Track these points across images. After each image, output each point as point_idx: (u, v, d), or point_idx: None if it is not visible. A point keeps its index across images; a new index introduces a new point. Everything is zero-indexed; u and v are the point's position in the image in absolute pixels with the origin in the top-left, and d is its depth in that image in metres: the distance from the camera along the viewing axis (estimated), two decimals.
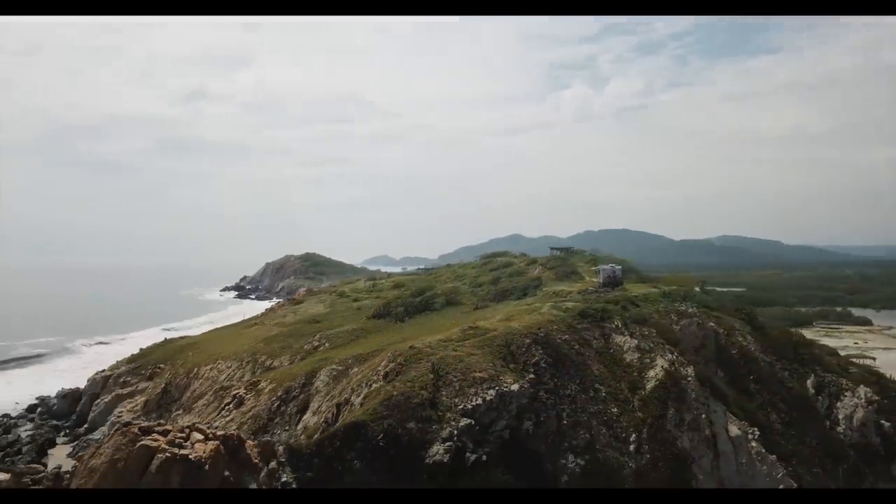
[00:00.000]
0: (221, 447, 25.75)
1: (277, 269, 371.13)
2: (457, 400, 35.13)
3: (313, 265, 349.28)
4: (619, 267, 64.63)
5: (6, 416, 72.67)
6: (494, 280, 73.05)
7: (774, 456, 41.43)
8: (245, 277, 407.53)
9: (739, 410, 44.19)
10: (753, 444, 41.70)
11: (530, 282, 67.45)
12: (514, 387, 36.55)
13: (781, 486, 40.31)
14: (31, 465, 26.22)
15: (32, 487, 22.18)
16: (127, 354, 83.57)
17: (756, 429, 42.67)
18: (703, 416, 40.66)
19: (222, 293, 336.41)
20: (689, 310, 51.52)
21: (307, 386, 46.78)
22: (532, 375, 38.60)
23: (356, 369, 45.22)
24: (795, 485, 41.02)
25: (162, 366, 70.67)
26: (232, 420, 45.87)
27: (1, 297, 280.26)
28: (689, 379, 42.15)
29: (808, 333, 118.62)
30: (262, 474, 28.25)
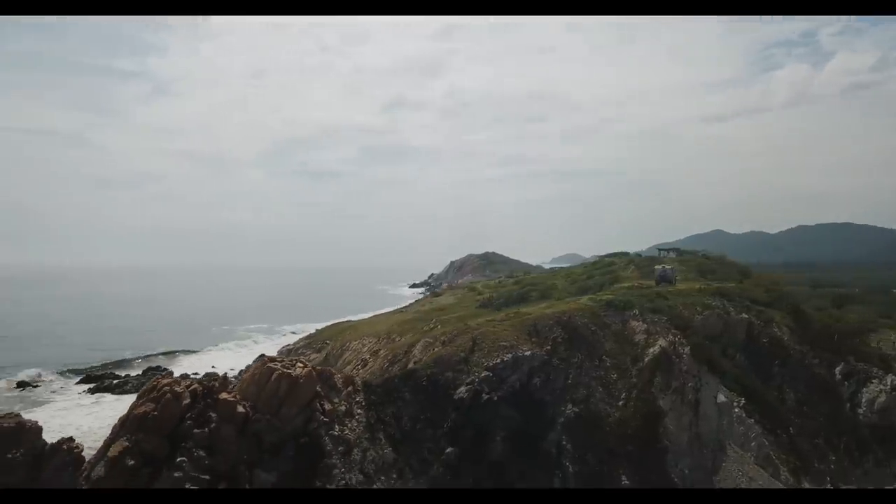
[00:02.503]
0: (313, 372, 43.68)
1: (459, 268, 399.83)
2: (483, 360, 50.25)
3: (490, 264, 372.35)
4: (670, 268, 74.18)
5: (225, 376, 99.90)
6: (588, 277, 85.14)
7: (752, 419, 51.03)
8: (432, 275, 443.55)
9: (735, 384, 53.87)
10: (737, 410, 51.59)
11: (606, 279, 78.93)
12: (528, 353, 50.81)
13: (754, 444, 49.95)
14: (210, 373, 45.94)
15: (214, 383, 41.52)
16: None
17: (743, 398, 52.35)
18: (690, 384, 51.44)
19: (411, 288, 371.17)
20: (713, 303, 61.09)
21: (408, 353, 63.94)
22: (549, 347, 52.40)
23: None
24: (767, 443, 50.31)
25: (328, 342, 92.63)
26: (358, 376, 64.49)
27: (231, 292, 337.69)
28: (684, 356, 53.03)
29: None
30: (343, 394, 45.89)
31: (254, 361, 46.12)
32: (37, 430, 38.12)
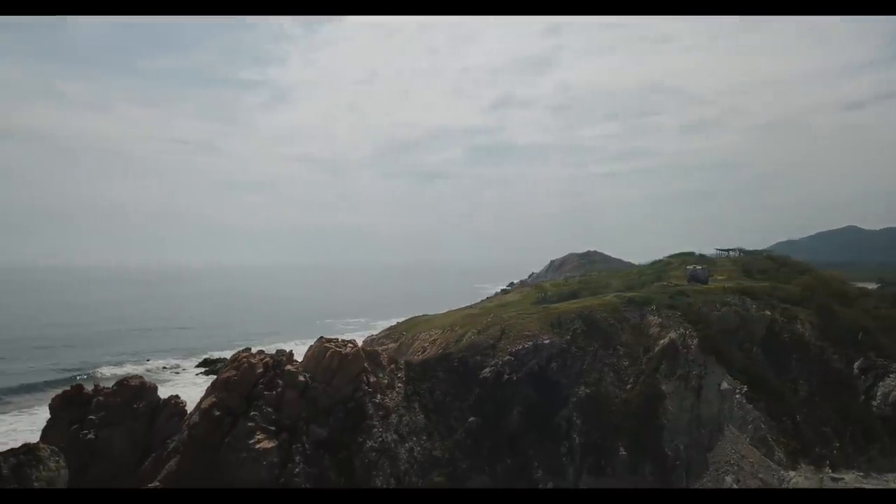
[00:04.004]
0: (361, 351, 54.10)
1: (558, 267, 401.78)
2: (508, 346, 58.89)
3: (590, 263, 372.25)
4: (700, 268, 78.83)
5: None
6: (640, 276, 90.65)
7: (752, 405, 56.39)
8: (532, 273, 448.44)
9: (741, 374, 59.15)
10: (738, 396, 57.08)
11: (652, 278, 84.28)
12: (547, 341, 58.91)
13: (751, 427, 55.34)
14: (280, 350, 57.38)
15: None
16: None
17: (745, 386, 57.70)
18: (694, 372, 57.50)
19: (509, 287, 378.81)
20: (732, 300, 66.12)
21: (458, 342, 73.37)
22: (569, 337, 60.18)
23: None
24: (765, 426, 55.50)
25: (405, 332, 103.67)
26: (404, 358, 74.53)
27: (338, 289, 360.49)
28: (692, 347, 59.07)
29: None
30: (387, 370, 56.10)
31: (315, 342, 57.20)
32: (153, 388, 51.05)
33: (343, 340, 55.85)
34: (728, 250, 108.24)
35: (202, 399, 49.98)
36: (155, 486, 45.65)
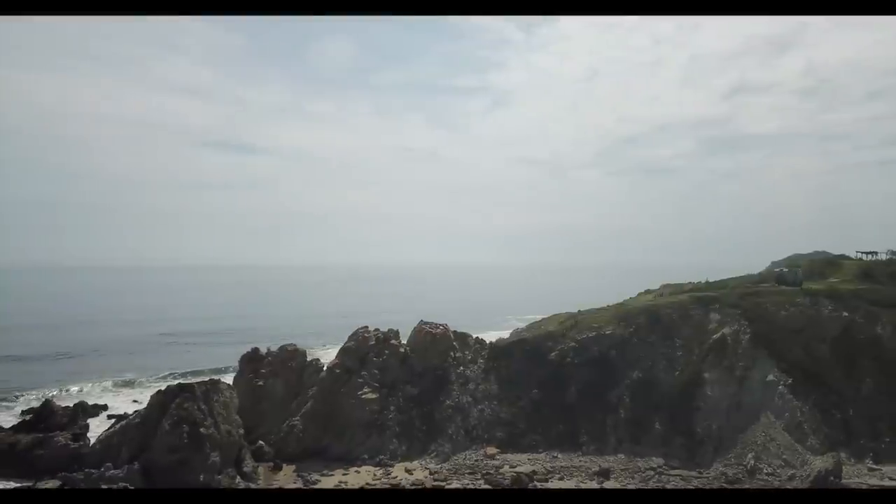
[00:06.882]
0: (449, 332, 69.53)
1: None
2: (576, 335, 70.42)
3: (811, 263, 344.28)
4: (787, 269, 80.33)
5: None
6: (755, 276, 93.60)
7: (791, 396, 61.50)
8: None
9: (793, 368, 63.93)
10: (781, 387, 62.47)
11: (755, 279, 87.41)
12: (609, 332, 69.33)
13: (787, 415, 60.63)
14: (391, 330, 74.60)
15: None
16: None
17: (791, 379, 62.71)
18: (741, 363, 63.93)
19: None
20: (803, 301, 69.77)
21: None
22: (632, 329, 69.89)
23: None
24: (802, 416, 60.35)
25: (540, 326, 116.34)
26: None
27: (539, 287, 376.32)
28: (742, 341, 65.36)
29: None
30: (473, 349, 70.97)
31: (418, 324, 73.81)
32: (302, 352, 71.40)
33: (436, 323, 71.84)
34: (870, 253, 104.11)
35: (331, 361, 69.26)
36: (295, 421, 65.23)
